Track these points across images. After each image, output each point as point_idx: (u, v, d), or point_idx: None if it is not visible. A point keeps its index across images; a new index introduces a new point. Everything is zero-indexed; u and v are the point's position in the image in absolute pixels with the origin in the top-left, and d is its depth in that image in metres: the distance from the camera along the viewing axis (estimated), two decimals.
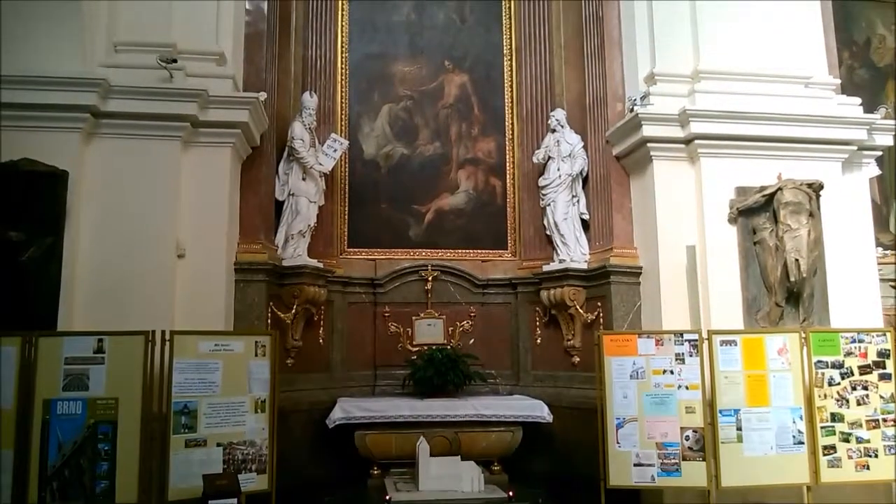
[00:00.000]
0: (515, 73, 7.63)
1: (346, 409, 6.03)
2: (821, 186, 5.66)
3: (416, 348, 6.92)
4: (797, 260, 5.48)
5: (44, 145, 4.92)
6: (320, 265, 6.45)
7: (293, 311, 6.20)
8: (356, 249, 7.21)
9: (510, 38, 7.73)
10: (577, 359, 6.63)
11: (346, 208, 7.24)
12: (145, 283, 5.08)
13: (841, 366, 5.05)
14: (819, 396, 4.99)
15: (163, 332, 4.62)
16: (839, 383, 5.02)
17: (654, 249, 5.92)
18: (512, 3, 7.75)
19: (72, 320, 4.88)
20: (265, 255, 5.92)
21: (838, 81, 6.41)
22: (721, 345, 5.03)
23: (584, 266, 6.58)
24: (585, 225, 6.80)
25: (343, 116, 7.35)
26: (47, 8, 4.96)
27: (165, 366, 4.58)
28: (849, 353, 5.08)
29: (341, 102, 7.35)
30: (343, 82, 7.39)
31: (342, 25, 7.46)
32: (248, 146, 5.91)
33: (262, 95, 5.78)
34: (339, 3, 7.47)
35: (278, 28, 6.55)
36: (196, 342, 4.70)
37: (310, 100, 6.60)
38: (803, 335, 5.09)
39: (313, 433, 6.24)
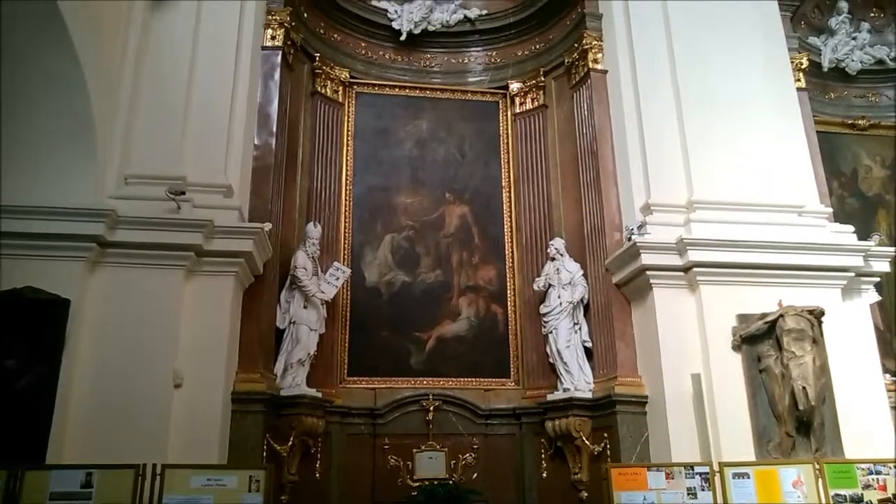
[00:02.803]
0: (514, 204, 7.85)
1: None
2: (822, 313, 5.65)
3: (417, 483, 6.62)
4: (804, 388, 5.37)
5: (48, 273, 5.00)
6: (319, 395, 6.32)
7: (290, 443, 6.00)
8: (356, 378, 7.09)
9: (508, 171, 8.01)
10: (585, 494, 6.33)
11: (347, 335, 7.19)
12: (140, 414, 5.00)
13: (860, 499, 4.81)
14: None
15: (154, 466, 4.46)
16: None
17: (658, 378, 5.83)
18: (510, 139, 8.10)
19: (62, 451, 4.75)
20: (263, 384, 5.83)
21: (830, 210, 6.60)
22: (734, 478, 4.83)
23: (589, 395, 6.44)
24: (588, 353, 6.73)
25: (346, 245, 7.48)
26: (63, 142, 5.20)
27: (155, 502, 4.37)
28: (867, 486, 4.85)
29: (345, 232, 7.51)
30: (347, 213, 7.59)
31: (347, 160, 7.77)
32: (251, 275, 5.98)
33: (267, 226, 5.92)
34: (345, 139, 7.83)
35: (285, 162, 6.84)
36: (188, 477, 4.53)
37: (314, 230, 6.74)
38: (817, 467, 4.89)
39: None
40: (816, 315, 5.63)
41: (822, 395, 5.48)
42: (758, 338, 5.65)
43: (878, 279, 6.46)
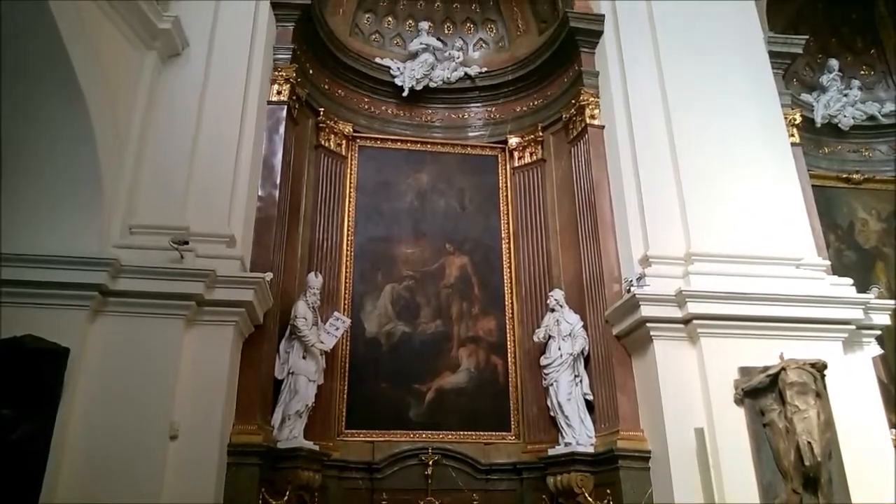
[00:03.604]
0: (514, 256, 7.90)
1: None
2: (824, 366, 5.58)
3: None
4: (810, 443, 5.26)
5: (48, 321, 4.98)
6: (316, 448, 6.21)
7: (286, 497, 5.86)
8: (354, 431, 6.99)
9: (508, 223, 8.10)
10: None
11: (346, 387, 7.13)
12: (134, 467, 4.91)
13: None
14: None
15: None
16: None
17: (661, 432, 5.73)
18: (509, 192, 8.21)
19: None
20: (260, 436, 5.73)
21: (828, 263, 6.60)
22: None
23: (591, 450, 6.33)
24: (589, 405, 6.66)
25: (346, 296, 7.50)
26: (69, 191, 5.25)
27: None
28: None
29: (345, 282, 7.54)
30: (348, 263, 7.64)
31: (349, 211, 7.86)
32: (252, 324, 5.96)
33: (269, 276, 5.93)
34: (347, 191, 7.94)
35: (288, 213, 6.91)
36: None
37: (315, 280, 6.76)
38: None
39: None
40: (819, 368, 5.56)
41: (829, 451, 5.36)
42: (760, 391, 5.57)
43: (878, 332, 6.43)
